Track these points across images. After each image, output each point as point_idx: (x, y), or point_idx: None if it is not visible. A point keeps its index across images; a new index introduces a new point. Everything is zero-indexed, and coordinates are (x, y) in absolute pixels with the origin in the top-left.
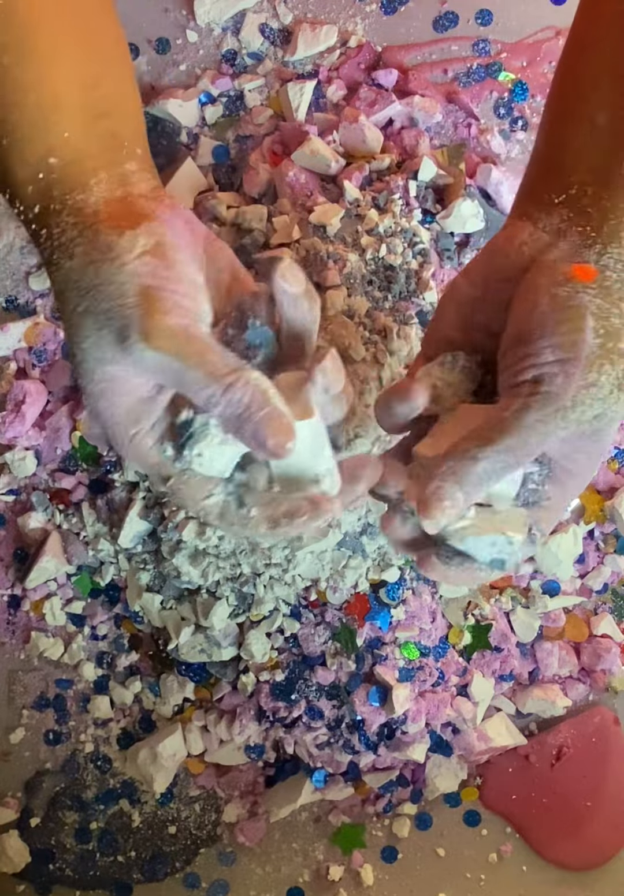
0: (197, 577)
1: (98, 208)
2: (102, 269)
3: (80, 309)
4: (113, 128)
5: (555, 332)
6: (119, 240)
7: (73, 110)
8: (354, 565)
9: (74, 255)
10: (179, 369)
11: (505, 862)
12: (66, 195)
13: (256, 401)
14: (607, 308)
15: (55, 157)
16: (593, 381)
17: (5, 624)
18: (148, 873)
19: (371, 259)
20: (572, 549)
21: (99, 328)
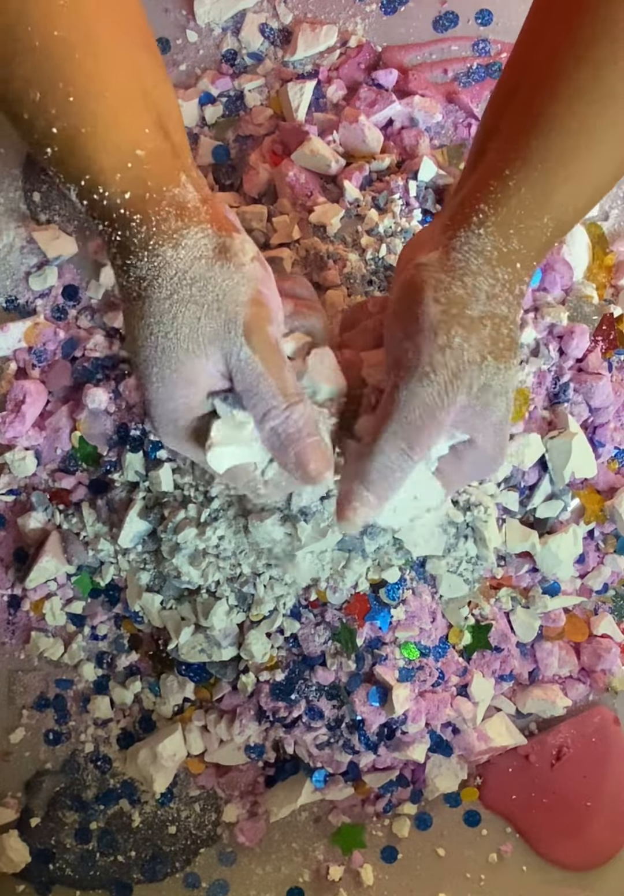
0: (197, 577)
1: (198, 205)
2: (217, 265)
3: (179, 296)
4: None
5: (401, 312)
6: (232, 241)
7: (142, 110)
8: (354, 565)
9: (181, 245)
10: (260, 375)
11: (505, 862)
12: (162, 186)
13: (309, 427)
14: (448, 281)
15: (141, 150)
16: (443, 342)
17: (5, 624)
18: (148, 873)
19: (371, 259)
20: (572, 549)
21: (198, 318)
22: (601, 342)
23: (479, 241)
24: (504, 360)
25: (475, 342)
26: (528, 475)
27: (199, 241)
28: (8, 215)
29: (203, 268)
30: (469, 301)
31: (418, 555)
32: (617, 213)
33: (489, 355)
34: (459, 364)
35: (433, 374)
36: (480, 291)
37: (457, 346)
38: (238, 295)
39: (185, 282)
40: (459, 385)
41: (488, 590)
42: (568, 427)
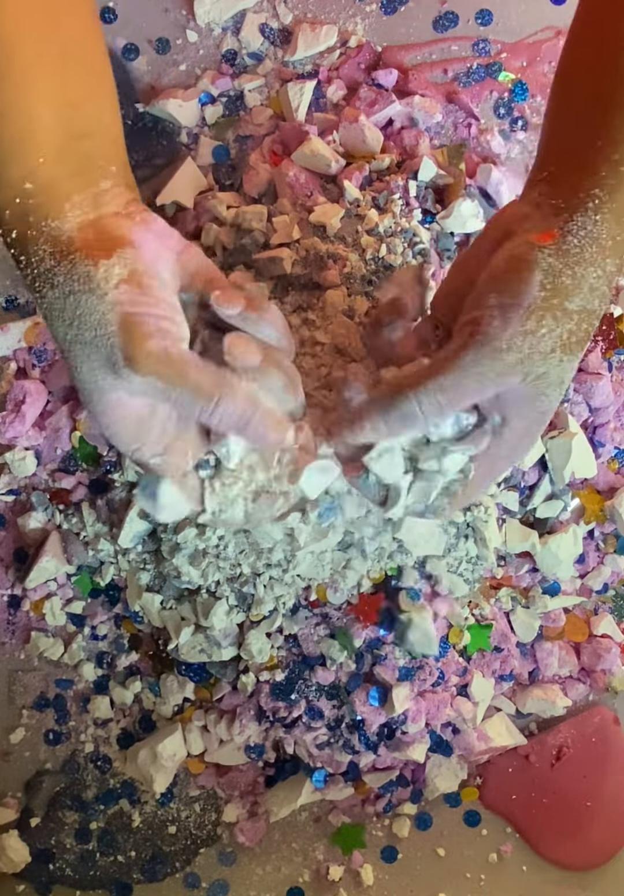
0: (197, 577)
1: (72, 235)
2: (82, 300)
3: (69, 338)
4: (88, 149)
5: (502, 280)
6: (96, 270)
7: (48, 134)
8: (355, 565)
9: (55, 284)
10: (166, 389)
11: (505, 862)
12: (41, 221)
13: (245, 409)
14: (559, 268)
15: (30, 182)
16: (531, 329)
17: (5, 624)
18: (148, 873)
19: (371, 259)
20: (572, 549)
21: (88, 355)
22: (601, 342)
23: (595, 228)
24: (571, 353)
25: (555, 335)
26: (528, 475)
27: (67, 277)
28: None
29: (73, 305)
30: (573, 292)
31: (418, 555)
32: None
33: (559, 349)
34: (531, 352)
35: (507, 353)
36: (585, 283)
37: (539, 336)
38: (107, 326)
39: (67, 322)
40: (520, 370)
41: (488, 590)
42: (568, 427)
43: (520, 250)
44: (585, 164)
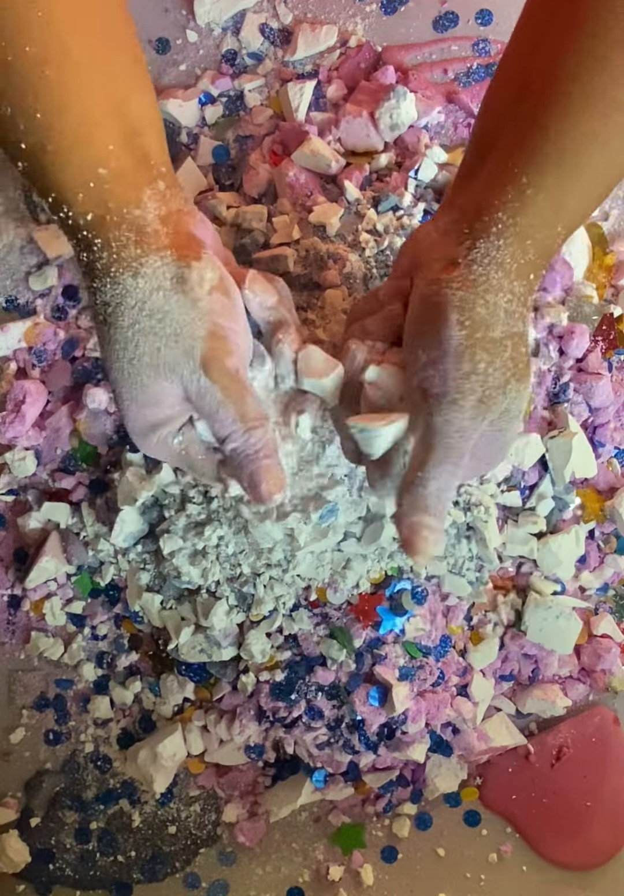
0: (197, 577)
1: (158, 228)
2: (173, 298)
3: (139, 326)
4: (145, 145)
5: (423, 333)
6: (189, 272)
7: (111, 124)
8: (355, 565)
9: (140, 275)
10: (220, 402)
11: (505, 862)
12: (123, 208)
13: (266, 449)
14: (472, 299)
15: (104, 168)
16: (469, 370)
17: (5, 624)
18: (148, 873)
19: (371, 258)
20: (574, 549)
21: (158, 348)
22: (601, 342)
23: (498, 254)
24: (523, 379)
25: (499, 366)
26: (528, 475)
27: (157, 271)
28: (8, 215)
29: (161, 300)
30: (491, 321)
31: None
32: (617, 213)
33: (512, 378)
34: (485, 390)
35: (462, 400)
36: (500, 309)
37: (481, 372)
38: (194, 330)
39: (145, 313)
40: (486, 410)
41: (490, 590)
42: (568, 427)
43: (430, 290)
44: (493, 185)
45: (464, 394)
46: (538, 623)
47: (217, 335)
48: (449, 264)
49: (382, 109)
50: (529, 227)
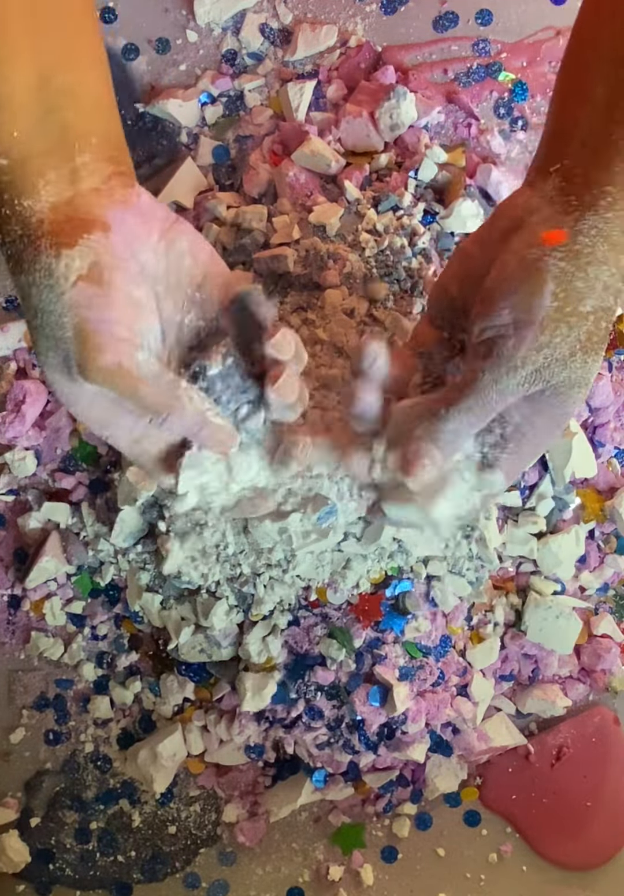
0: (197, 577)
1: (43, 217)
2: (43, 294)
3: (34, 324)
4: (66, 120)
5: (515, 293)
6: (57, 262)
7: (25, 108)
8: (355, 565)
9: (22, 270)
10: (116, 400)
11: (505, 862)
12: (14, 200)
13: (196, 423)
14: (572, 272)
15: (5, 159)
16: (545, 342)
17: (5, 624)
18: (148, 873)
19: (371, 258)
20: (574, 549)
21: (47, 349)
22: None
23: (606, 226)
24: (593, 353)
25: (572, 339)
26: (528, 475)
27: (32, 265)
28: None
29: (36, 297)
30: (585, 295)
31: (418, 555)
32: None
33: (579, 351)
34: (547, 360)
35: (522, 368)
36: (599, 282)
37: (553, 346)
38: (63, 329)
39: (31, 313)
40: (539, 379)
41: (491, 589)
42: (568, 427)
43: (529, 255)
44: (599, 158)
45: (526, 363)
46: (538, 623)
47: (83, 330)
48: (554, 232)
49: (382, 109)
50: None
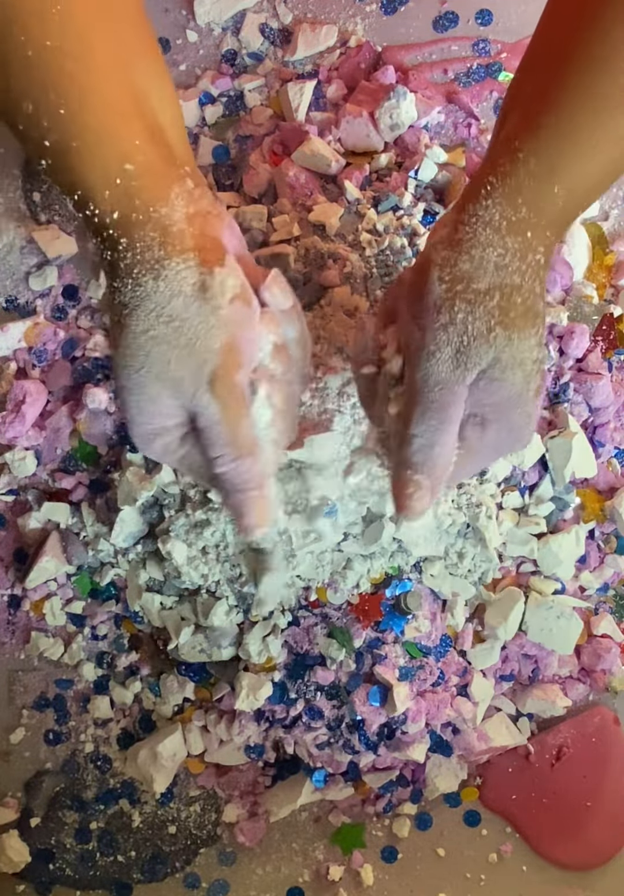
0: (197, 577)
1: (183, 228)
2: (194, 305)
3: (153, 333)
4: (169, 142)
5: (411, 295)
6: (211, 279)
7: (135, 119)
8: (355, 566)
9: (161, 277)
10: (217, 422)
11: (505, 862)
12: (149, 206)
13: (255, 481)
14: (455, 256)
15: (130, 164)
16: (447, 320)
17: (5, 624)
18: (148, 873)
19: (371, 258)
20: (574, 549)
21: (169, 360)
22: (601, 342)
23: (486, 213)
24: (517, 329)
25: (481, 314)
26: (528, 475)
27: (178, 275)
28: (8, 215)
29: (180, 306)
30: (476, 274)
31: (418, 555)
32: (617, 213)
33: (497, 326)
34: (463, 338)
35: (439, 352)
36: (489, 263)
37: (460, 322)
38: (211, 340)
39: (163, 318)
40: (466, 359)
41: (491, 588)
42: (568, 427)
43: (420, 257)
44: (491, 156)
45: (439, 345)
46: (539, 623)
47: (233, 347)
48: (436, 229)
49: (381, 109)
50: (520, 186)
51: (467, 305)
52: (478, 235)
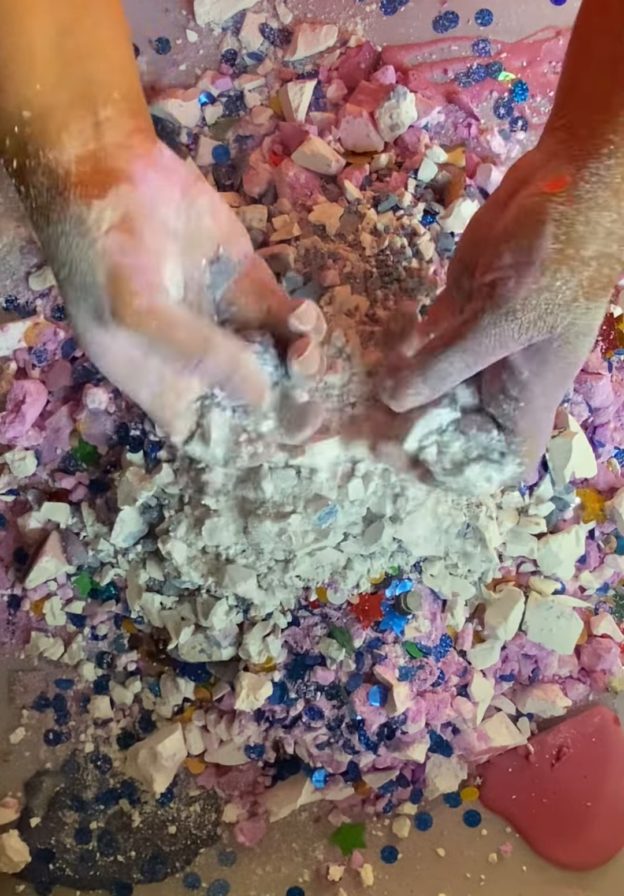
0: (197, 577)
1: (69, 168)
2: (74, 243)
3: (61, 276)
4: (88, 73)
5: (515, 236)
6: (88, 212)
7: (46, 60)
8: (356, 565)
9: (50, 221)
10: (153, 344)
11: (505, 862)
12: (39, 151)
13: (228, 367)
14: (572, 215)
15: (28, 111)
16: (546, 284)
17: (5, 624)
18: (148, 873)
19: (371, 258)
20: (574, 549)
21: (77, 299)
22: (601, 342)
23: (608, 173)
24: (596, 298)
25: (574, 284)
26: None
27: (60, 217)
28: (8, 215)
29: (65, 248)
30: (588, 239)
31: (419, 555)
32: None
33: (582, 296)
34: (549, 306)
35: (521, 312)
36: (601, 227)
37: (556, 290)
38: (95, 275)
39: (60, 262)
40: (542, 325)
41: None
42: (568, 427)
43: (531, 201)
44: (603, 108)
45: (526, 307)
46: (539, 623)
47: (117, 275)
48: (556, 179)
49: (381, 109)
50: None
51: (569, 273)
52: (597, 197)
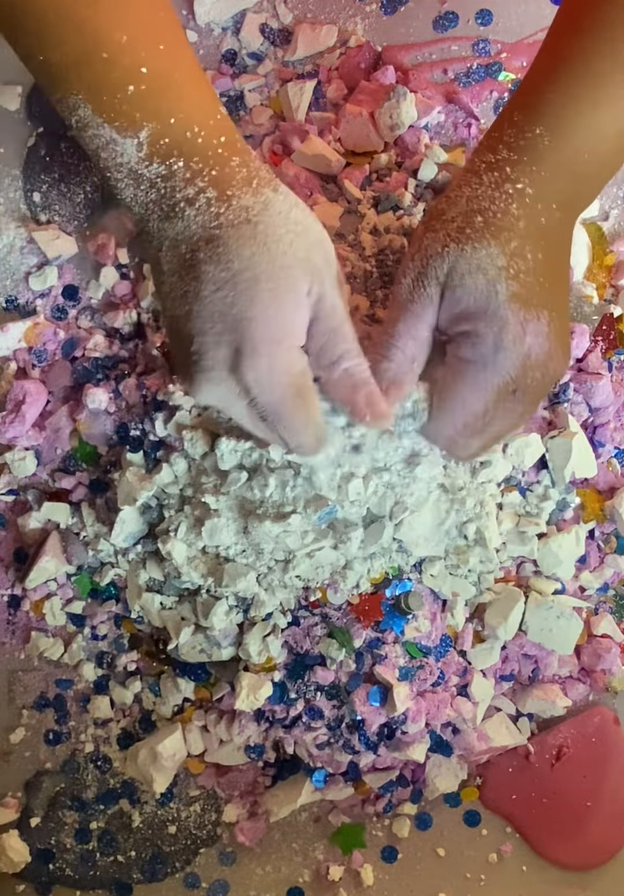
0: (197, 577)
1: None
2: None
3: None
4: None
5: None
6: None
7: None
8: (356, 565)
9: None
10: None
11: (505, 862)
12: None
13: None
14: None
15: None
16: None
17: (5, 624)
18: (148, 873)
19: (371, 258)
20: (575, 549)
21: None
22: (601, 342)
23: (470, 164)
24: (471, 241)
25: (440, 237)
26: (528, 475)
27: (288, 192)
28: (8, 215)
29: (300, 214)
30: (448, 209)
31: (419, 555)
32: (617, 213)
33: (451, 242)
34: (423, 260)
35: (404, 277)
36: (461, 197)
37: (424, 248)
38: (328, 249)
39: (290, 221)
40: (424, 278)
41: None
42: (568, 427)
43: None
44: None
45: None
46: (539, 623)
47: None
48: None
49: (382, 109)
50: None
51: (432, 233)
52: (459, 181)
